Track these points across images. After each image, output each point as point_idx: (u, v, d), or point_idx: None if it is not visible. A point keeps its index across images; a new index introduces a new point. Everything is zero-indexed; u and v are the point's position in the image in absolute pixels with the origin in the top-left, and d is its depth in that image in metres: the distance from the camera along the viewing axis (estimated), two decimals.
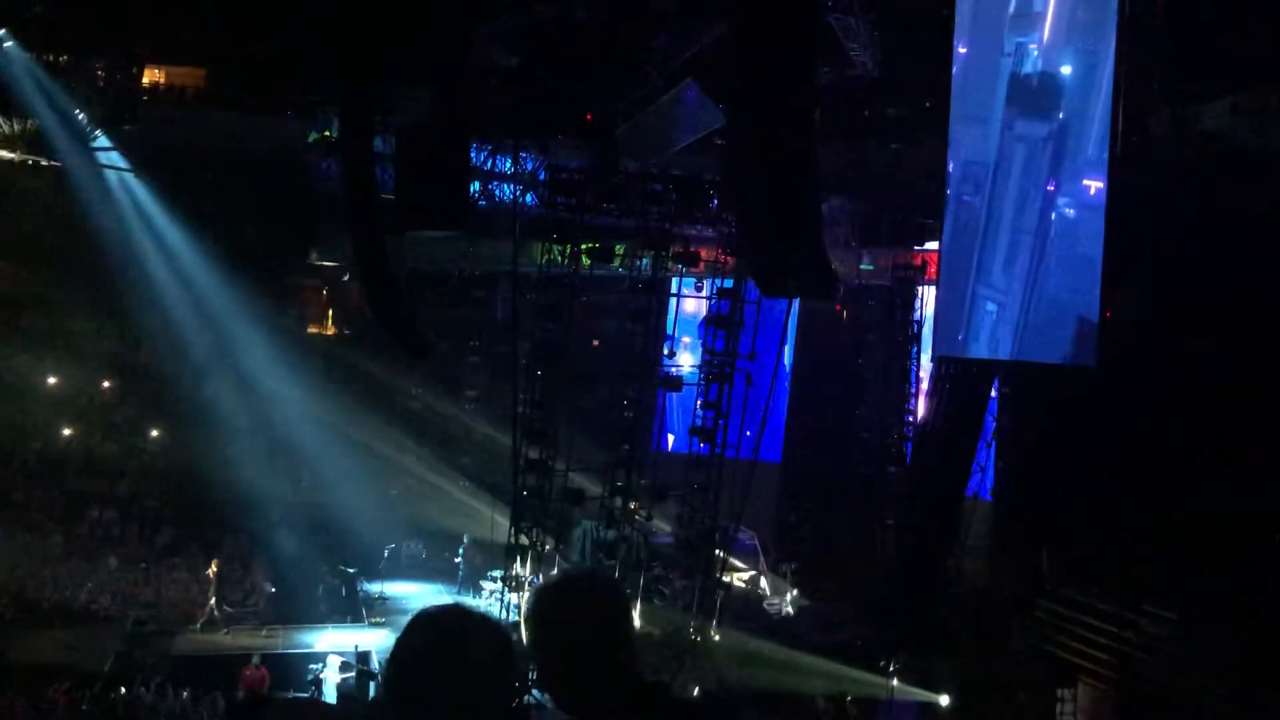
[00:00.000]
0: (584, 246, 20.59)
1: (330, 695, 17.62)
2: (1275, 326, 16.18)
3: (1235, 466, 17.19)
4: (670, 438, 27.83)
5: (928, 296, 22.94)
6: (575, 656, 2.55)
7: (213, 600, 20.43)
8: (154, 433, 26.32)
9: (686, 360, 24.11)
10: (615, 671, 2.54)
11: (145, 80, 25.70)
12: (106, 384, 26.84)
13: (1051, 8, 18.49)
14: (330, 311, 31.52)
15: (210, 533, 23.44)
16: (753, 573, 22.33)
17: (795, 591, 23.03)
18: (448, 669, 2.47)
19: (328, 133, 24.15)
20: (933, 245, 22.05)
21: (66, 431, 25.73)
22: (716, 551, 21.42)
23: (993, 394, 21.74)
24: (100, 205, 24.15)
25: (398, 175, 18.81)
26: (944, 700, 18.30)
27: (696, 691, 18.70)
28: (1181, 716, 15.58)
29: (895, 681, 19.56)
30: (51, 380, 26.19)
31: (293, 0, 21.95)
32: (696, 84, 21.19)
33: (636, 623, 19.36)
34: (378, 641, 20.34)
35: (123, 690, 16.86)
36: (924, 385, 22.95)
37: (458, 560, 23.85)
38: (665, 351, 23.23)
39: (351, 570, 23.24)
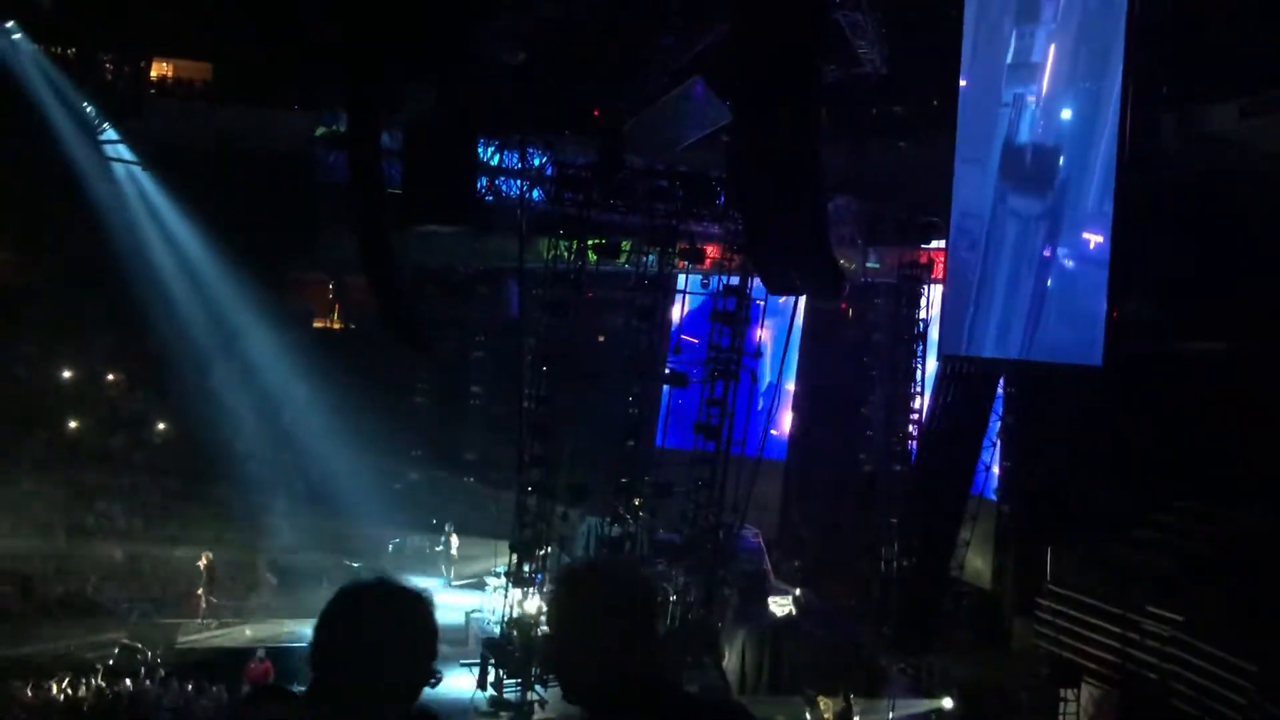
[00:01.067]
0: (590, 243, 20.57)
1: None
2: None
3: (1240, 467, 17.16)
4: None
5: (934, 295, 22.89)
6: (589, 646, 2.50)
7: (199, 591, 20.45)
8: (160, 425, 26.39)
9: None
10: (628, 666, 2.48)
11: (153, 74, 25.76)
12: (113, 376, 26.91)
13: (1050, 59, 18.33)
14: (336, 305, 31.58)
15: (215, 526, 23.49)
16: (791, 603, 22.31)
17: (799, 590, 23.03)
18: (371, 642, 2.47)
19: (335, 127, 24.17)
20: (939, 243, 22.00)
21: (73, 424, 25.80)
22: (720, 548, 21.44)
23: (998, 393, 21.71)
24: (107, 198, 24.22)
25: (405, 171, 18.87)
26: (947, 703, 18.29)
27: (698, 689, 18.74)
28: (1185, 718, 15.56)
29: (898, 681, 19.58)
30: (58, 372, 26.26)
31: None
32: (703, 81, 21.18)
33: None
34: None
35: (126, 682, 16.92)
36: (930, 384, 22.89)
37: (438, 549, 23.88)
38: (671, 348, 23.25)
39: (356, 564, 23.27)
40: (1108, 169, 16.62)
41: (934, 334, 22.60)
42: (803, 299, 22.76)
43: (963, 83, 19.65)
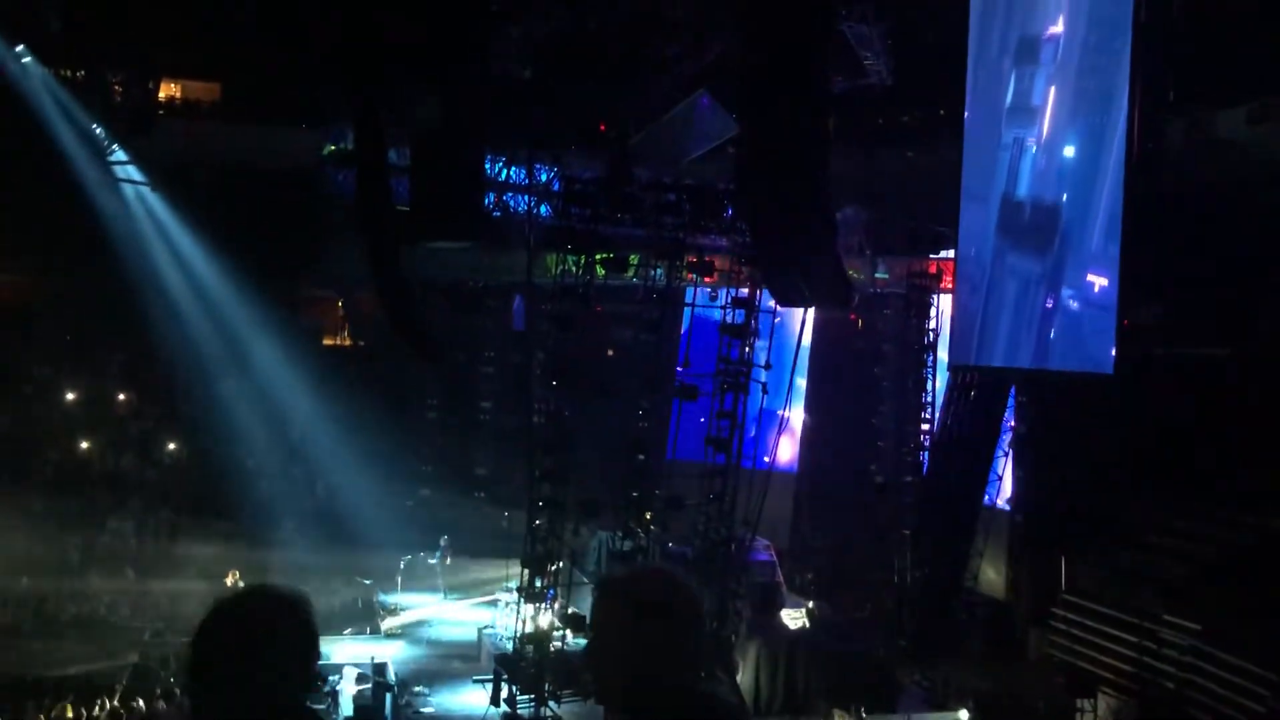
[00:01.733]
0: (598, 257, 20.58)
1: (347, 707, 17.61)
2: None
3: (1255, 473, 17.06)
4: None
5: (944, 304, 22.84)
6: (625, 653, 2.48)
7: None
8: (170, 445, 26.42)
9: None
10: (665, 674, 2.46)
11: (161, 94, 25.89)
12: (123, 396, 26.97)
13: (1050, 102, 18.25)
14: (346, 322, 31.63)
15: (226, 544, 23.48)
16: (804, 615, 22.24)
17: (812, 602, 22.93)
18: (248, 652, 2.45)
19: (342, 144, 24.26)
20: (948, 253, 21.95)
21: (84, 444, 25.84)
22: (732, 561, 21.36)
23: (1010, 402, 21.64)
24: (117, 218, 24.31)
25: (412, 187, 18.90)
26: (963, 714, 18.15)
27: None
28: None
29: (913, 693, 19.46)
30: (68, 392, 26.33)
31: (305, 14, 22.09)
32: (709, 93, 21.21)
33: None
34: (394, 653, 20.37)
35: (140, 703, 16.89)
36: (940, 394, 22.83)
37: (432, 561, 23.83)
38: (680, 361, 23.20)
39: (367, 581, 23.26)
40: (1112, 207, 16.50)
41: (944, 344, 22.57)
42: (811, 310, 22.70)
43: (966, 114, 19.59)
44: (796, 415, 27.20)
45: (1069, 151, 17.84)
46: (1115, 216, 16.37)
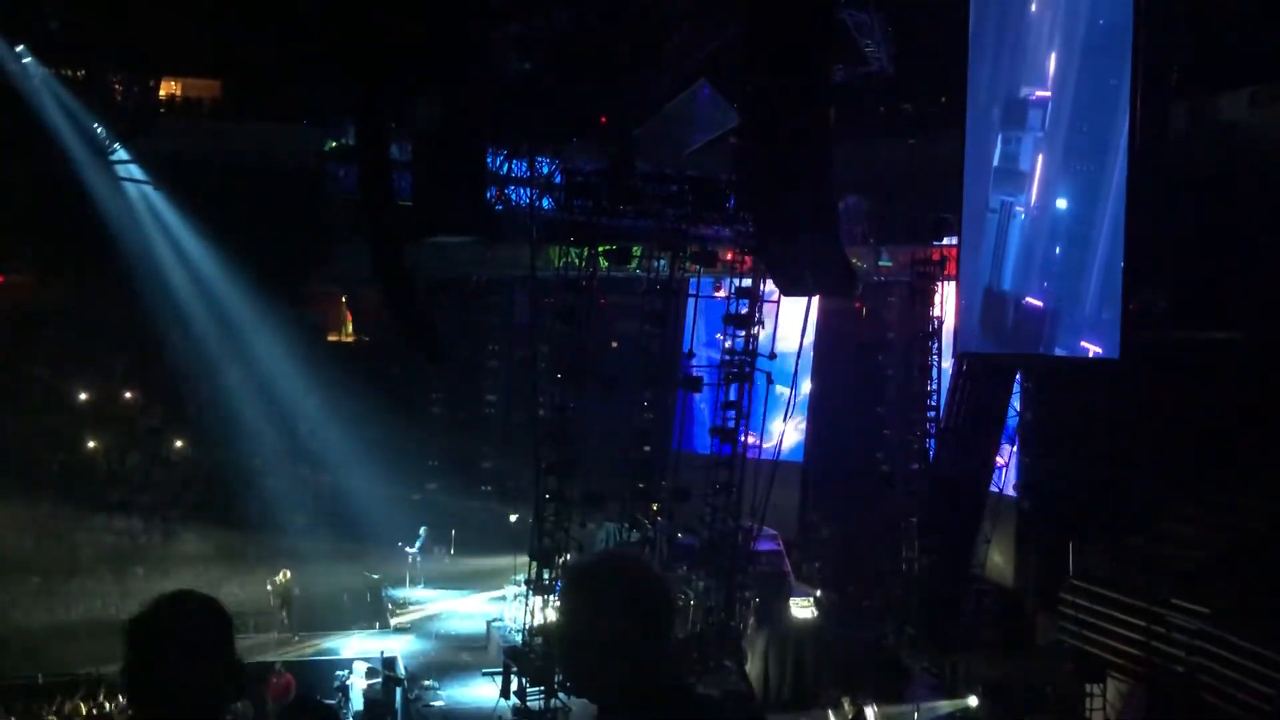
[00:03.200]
0: (601, 249, 20.56)
1: (357, 702, 17.67)
2: None
3: (1263, 458, 17.05)
4: None
5: (948, 292, 22.80)
6: (593, 641, 2.44)
7: (284, 611, 20.71)
8: (177, 443, 26.47)
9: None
10: (635, 663, 2.43)
11: (162, 93, 25.88)
12: (129, 394, 27.01)
13: (1039, 169, 18.19)
14: (349, 318, 31.64)
15: (234, 541, 23.56)
16: (812, 604, 22.24)
17: (820, 592, 22.95)
18: (166, 654, 2.56)
19: (343, 140, 24.26)
20: (951, 240, 21.91)
21: (91, 443, 25.90)
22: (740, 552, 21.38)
23: (1015, 389, 21.61)
24: (119, 217, 24.33)
25: (415, 182, 18.93)
26: (972, 701, 18.18)
27: (720, 694, 18.68)
28: (1212, 712, 15.43)
29: (922, 680, 19.49)
30: (75, 392, 26.38)
31: (306, 11, 22.07)
32: (710, 84, 21.18)
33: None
34: (403, 647, 20.42)
35: None
36: (946, 381, 22.81)
37: (411, 550, 23.88)
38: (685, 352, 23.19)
39: (375, 576, 23.32)
40: (1107, 270, 16.52)
41: (948, 330, 22.56)
42: (816, 299, 22.68)
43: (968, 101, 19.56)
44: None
45: (1062, 204, 17.85)
46: (1109, 280, 16.51)
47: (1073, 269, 17.46)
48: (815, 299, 22.45)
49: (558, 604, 2.53)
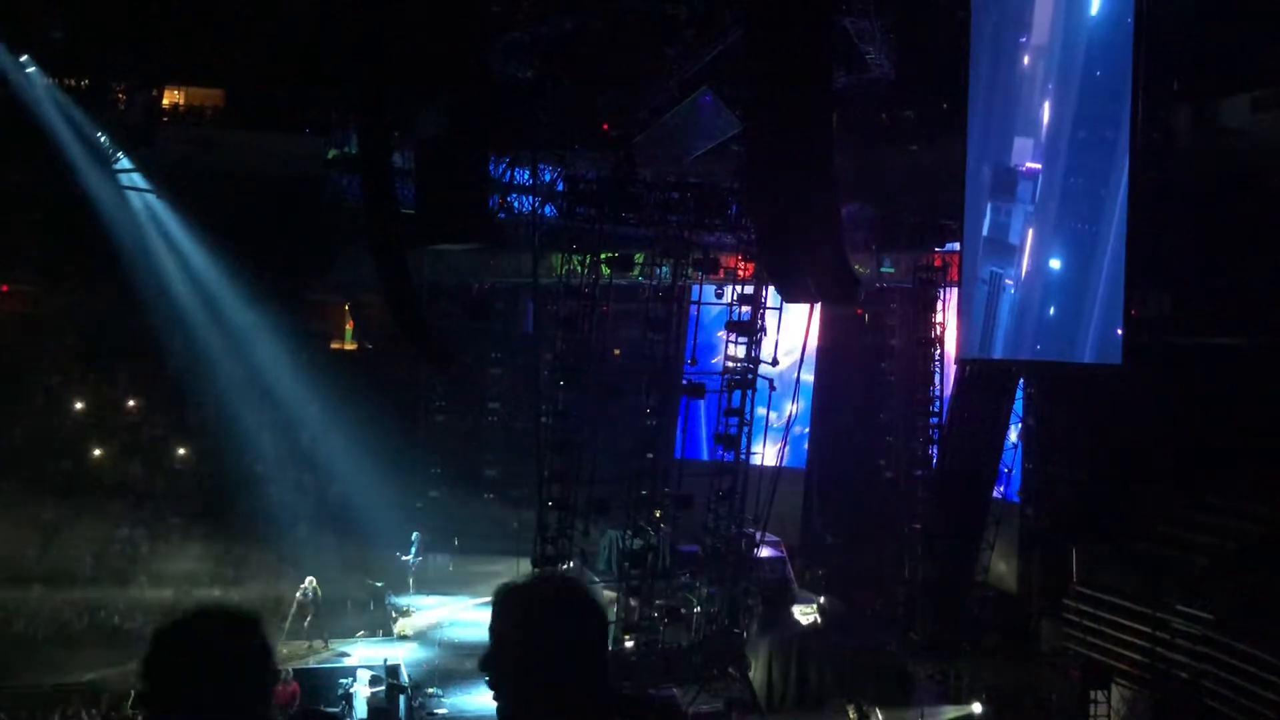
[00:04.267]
0: (603, 256, 20.60)
1: (361, 709, 17.65)
2: None
3: (1267, 463, 17.02)
4: None
5: (950, 298, 22.80)
6: (526, 663, 2.47)
7: (310, 615, 20.67)
8: (180, 451, 26.48)
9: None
10: (567, 684, 2.47)
11: (165, 102, 25.92)
12: (132, 403, 27.03)
13: (1029, 243, 18.20)
14: (352, 327, 31.67)
15: (237, 549, 23.53)
16: (816, 611, 22.24)
17: (823, 598, 22.93)
18: (200, 676, 2.43)
19: (346, 149, 24.28)
20: (953, 246, 21.92)
21: (94, 452, 25.91)
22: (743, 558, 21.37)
23: (1018, 395, 21.60)
24: (123, 226, 24.36)
25: (418, 190, 18.92)
26: (976, 708, 18.15)
27: (725, 702, 18.66)
28: (1218, 718, 15.40)
29: (926, 687, 19.45)
30: (78, 400, 26.40)
31: (308, 20, 22.11)
32: (712, 91, 21.21)
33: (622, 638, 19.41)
34: (407, 655, 20.41)
35: None
36: (948, 387, 22.80)
37: (406, 557, 23.84)
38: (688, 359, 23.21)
39: (379, 584, 23.30)
40: (1102, 332, 16.45)
41: (951, 337, 22.56)
42: (818, 306, 22.69)
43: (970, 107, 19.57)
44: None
45: (1055, 264, 17.86)
46: (1105, 340, 16.51)
47: (1067, 326, 17.49)
48: (818, 306, 22.48)
49: (491, 624, 2.53)
